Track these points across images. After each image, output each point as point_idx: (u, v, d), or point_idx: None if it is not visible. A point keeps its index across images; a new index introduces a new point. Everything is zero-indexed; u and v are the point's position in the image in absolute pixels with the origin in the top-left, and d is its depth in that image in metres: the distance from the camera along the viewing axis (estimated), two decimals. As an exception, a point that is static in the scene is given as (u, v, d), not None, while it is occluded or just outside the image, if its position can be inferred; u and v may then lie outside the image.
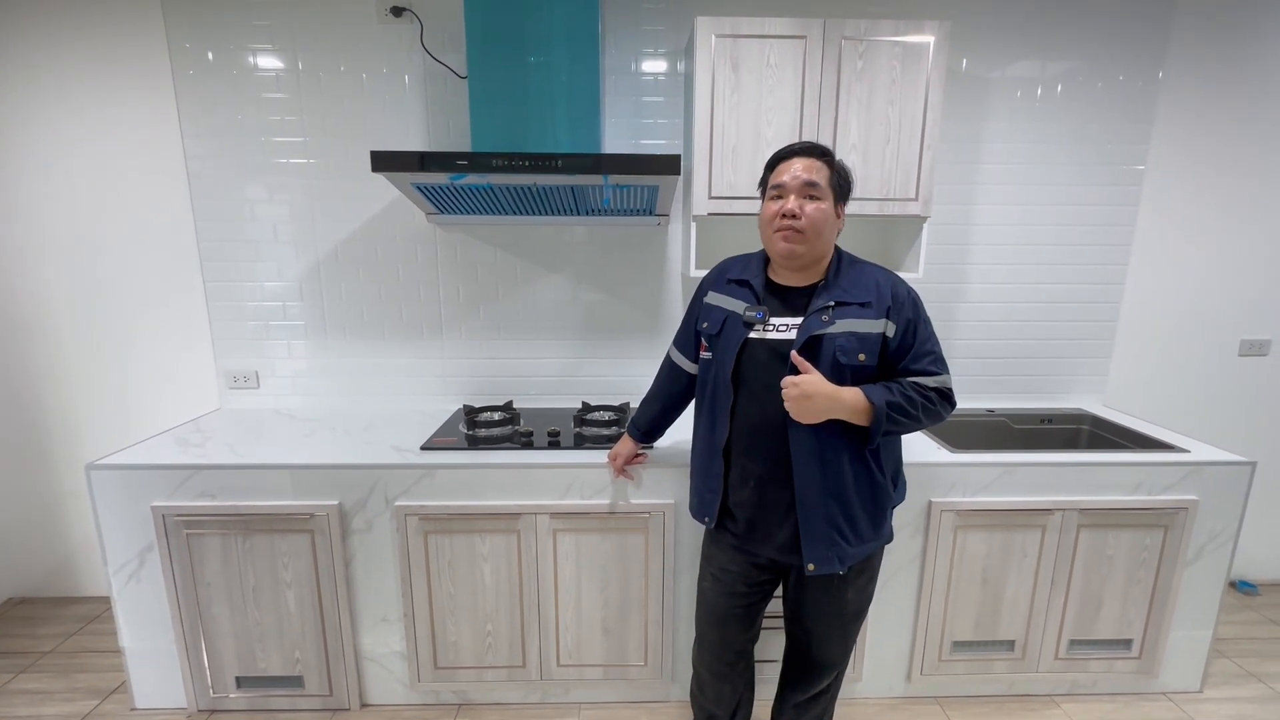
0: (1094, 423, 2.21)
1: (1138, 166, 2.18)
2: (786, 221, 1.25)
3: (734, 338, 1.33)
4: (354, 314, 2.22)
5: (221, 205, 2.12)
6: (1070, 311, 2.29)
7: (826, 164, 1.28)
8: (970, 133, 2.13)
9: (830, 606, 1.41)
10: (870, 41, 1.77)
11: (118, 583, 1.75)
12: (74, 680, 2.00)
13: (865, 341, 1.26)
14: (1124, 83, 2.12)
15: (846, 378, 1.26)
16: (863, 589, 1.43)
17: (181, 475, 1.69)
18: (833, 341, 1.25)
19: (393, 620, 1.81)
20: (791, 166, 1.27)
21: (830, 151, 1.30)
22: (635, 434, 1.66)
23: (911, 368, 1.29)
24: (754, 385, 1.31)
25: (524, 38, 1.76)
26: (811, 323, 1.26)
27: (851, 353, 1.25)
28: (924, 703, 1.91)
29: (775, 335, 1.30)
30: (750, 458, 1.34)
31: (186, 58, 2.02)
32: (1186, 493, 1.77)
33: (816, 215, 1.25)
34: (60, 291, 2.18)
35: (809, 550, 1.31)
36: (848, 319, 1.26)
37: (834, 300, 1.27)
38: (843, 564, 1.32)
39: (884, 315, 1.27)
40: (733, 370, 1.32)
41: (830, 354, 1.25)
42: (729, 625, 1.48)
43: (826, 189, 1.27)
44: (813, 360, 1.25)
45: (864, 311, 1.27)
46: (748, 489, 1.36)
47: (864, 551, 1.36)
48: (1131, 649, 1.88)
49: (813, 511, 1.29)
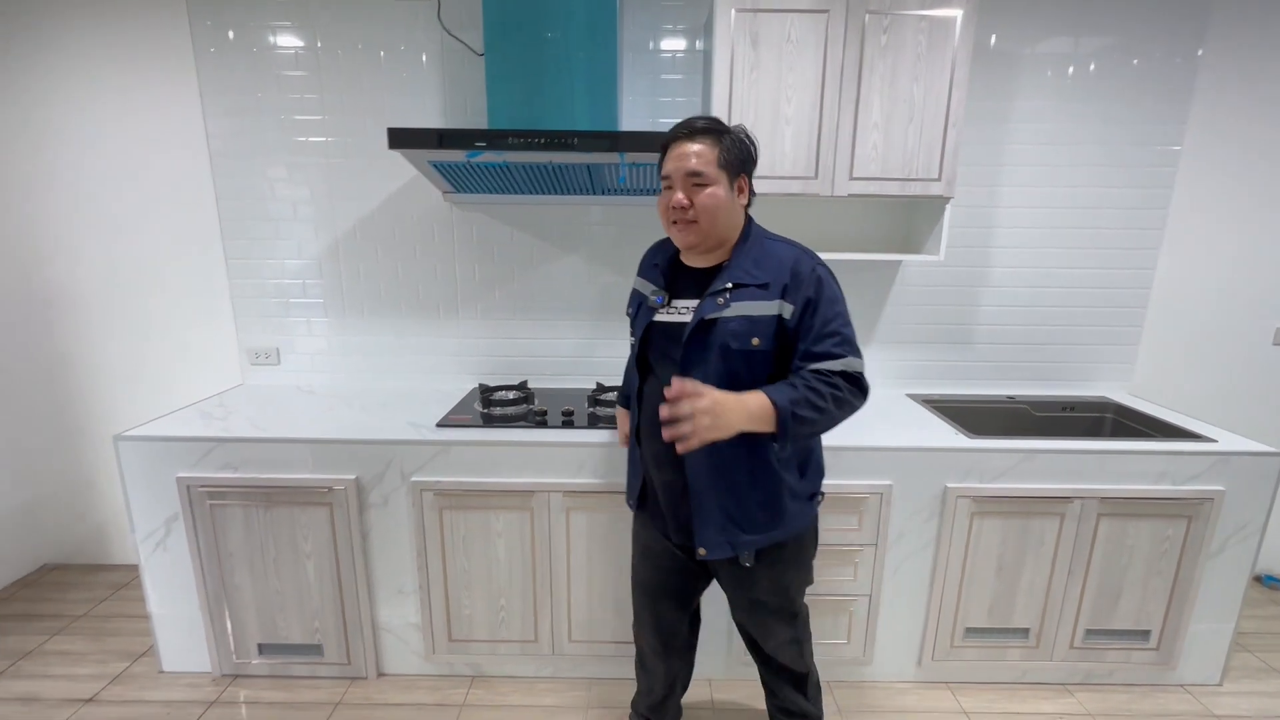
0: (1118, 411, 2.16)
1: (1173, 147, 2.10)
2: (677, 213, 1.21)
3: (642, 321, 1.32)
4: (372, 292, 2.24)
5: (242, 183, 2.15)
6: (1097, 297, 2.23)
7: (714, 143, 1.19)
8: (997, 111, 2.07)
9: (745, 597, 1.39)
10: (895, 16, 1.72)
11: (145, 551, 1.81)
12: (105, 643, 2.08)
13: (758, 324, 1.18)
14: (1161, 60, 2.04)
15: (738, 365, 1.19)
16: (777, 580, 1.35)
17: (205, 447, 1.73)
18: (725, 326, 1.19)
19: (409, 593, 1.84)
20: (677, 153, 1.20)
21: (720, 126, 1.21)
22: (625, 403, 1.60)
23: (812, 350, 1.18)
24: (656, 368, 1.31)
25: (542, 14, 1.74)
26: (706, 306, 1.21)
27: (744, 337, 1.18)
28: (935, 687, 1.91)
29: (674, 318, 1.27)
30: (654, 439, 1.30)
31: (208, 36, 2.03)
32: (1212, 483, 1.73)
33: (708, 203, 1.19)
34: (90, 270, 2.23)
35: (700, 535, 1.29)
36: (744, 301, 1.19)
37: (732, 282, 1.21)
38: (735, 550, 1.28)
39: (780, 296, 1.19)
40: (640, 353, 1.33)
41: (722, 339, 1.19)
42: (661, 602, 1.49)
43: (716, 172, 1.19)
44: (704, 346, 1.20)
45: (761, 293, 1.19)
46: (653, 470, 1.36)
47: (758, 541, 1.29)
48: (1150, 640, 1.86)
49: (703, 496, 1.27)
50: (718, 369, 1.20)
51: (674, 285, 1.31)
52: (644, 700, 1.63)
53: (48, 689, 1.87)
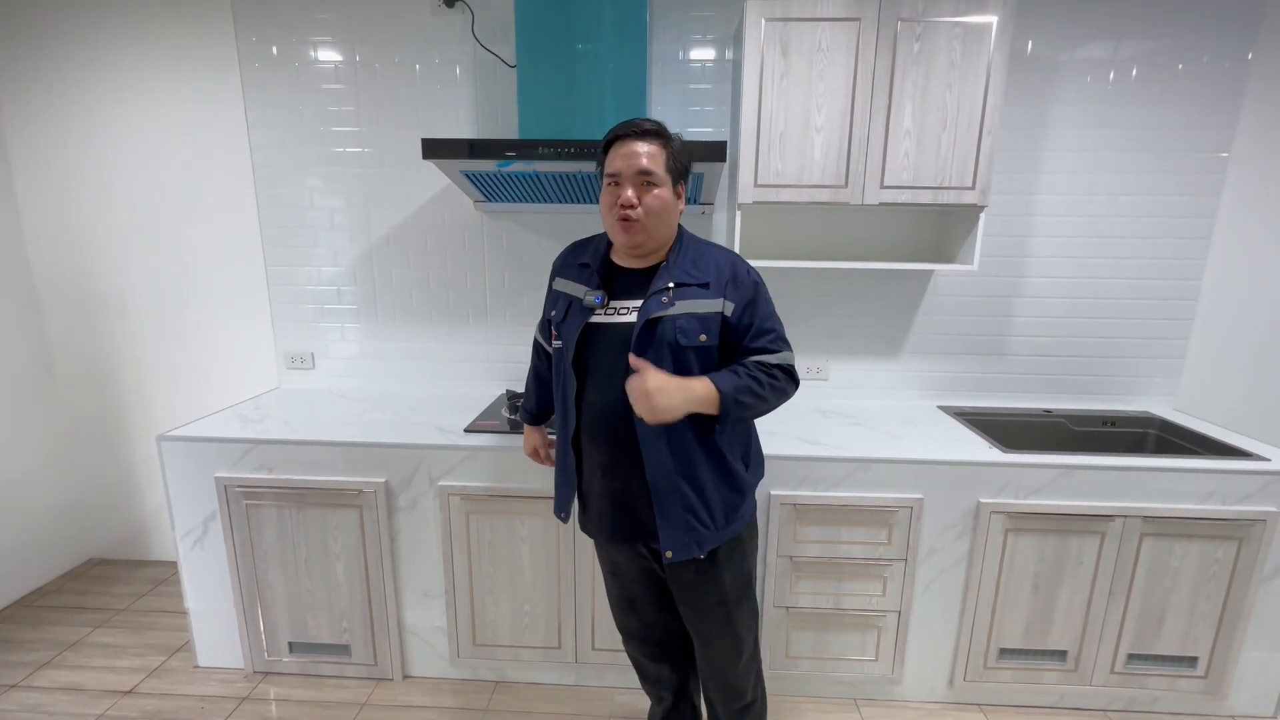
0: (1162, 426, 2.08)
1: (1220, 154, 2.03)
2: (624, 211, 1.21)
3: (576, 324, 1.30)
4: (403, 299, 2.29)
5: (282, 193, 2.22)
6: (1139, 309, 2.16)
7: (662, 146, 1.22)
8: (1034, 118, 2.03)
9: (710, 595, 1.36)
10: (928, 22, 1.70)
11: (184, 547, 1.87)
12: (144, 637, 2.14)
13: (705, 321, 1.24)
14: (1209, 65, 1.97)
15: (689, 360, 1.24)
16: (738, 568, 1.38)
17: (242, 448, 1.78)
18: (672, 323, 1.23)
19: (435, 596, 1.86)
20: (625, 152, 1.20)
21: (666, 131, 1.24)
22: (527, 418, 1.59)
23: (752, 345, 1.27)
24: (596, 372, 1.29)
25: (573, 26, 1.77)
26: (651, 304, 1.24)
27: (692, 333, 1.23)
28: (967, 710, 1.85)
29: (616, 319, 1.27)
30: (597, 446, 1.31)
31: (253, 51, 2.11)
32: (1265, 504, 1.65)
33: (655, 204, 1.22)
34: (138, 276, 2.33)
35: (665, 536, 1.27)
36: (687, 300, 1.24)
37: (674, 281, 1.25)
38: (701, 549, 1.29)
39: (722, 294, 1.25)
40: (574, 356, 1.29)
41: (671, 336, 1.22)
42: (644, 609, 1.49)
43: (664, 175, 1.21)
44: (651, 343, 1.22)
45: (703, 292, 1.25)
46: (596, 479, 1.33)
47: (720, 537, 1.31)
48: (1197, 667, 1.77)
49: (666, 497, 1.26)
50: (668, 364, 1.23)
51: (609, 287, 1.31)
52: (659, 709, 1.62)
53: (90, 680, 1.94)
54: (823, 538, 1.72)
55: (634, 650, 1.57)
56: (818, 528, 1.71)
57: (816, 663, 1.83)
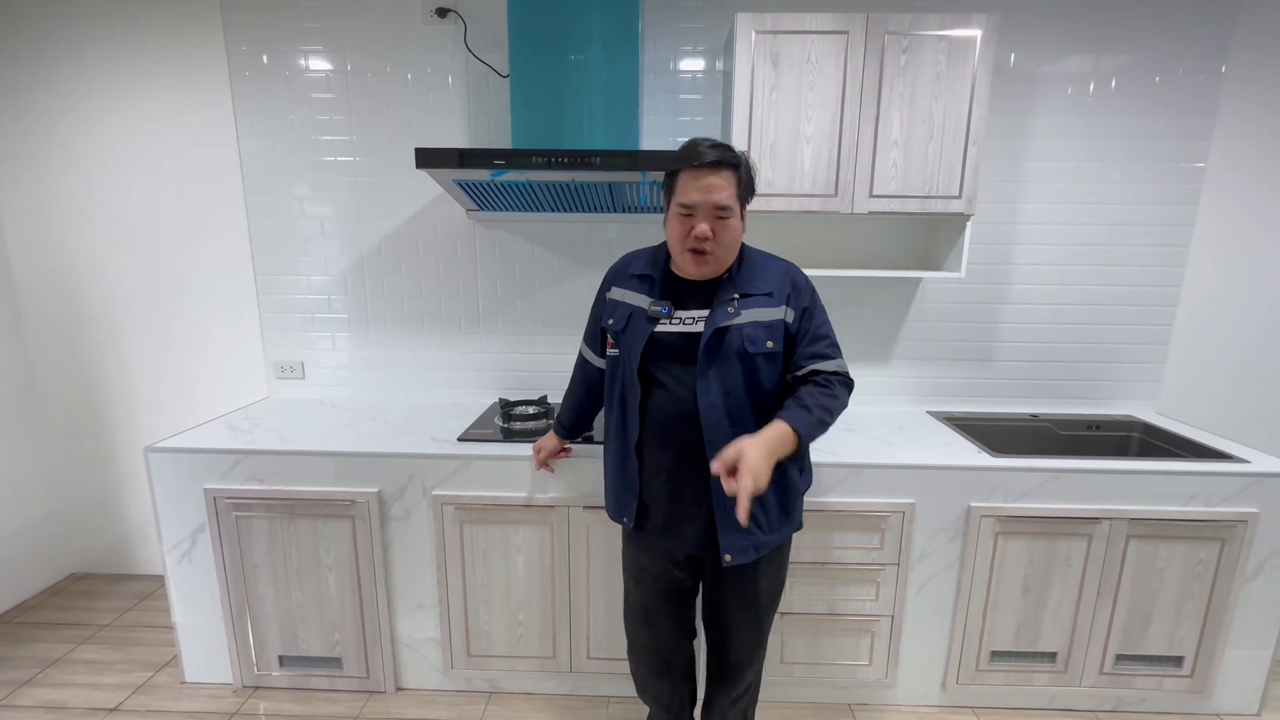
0: (1146, 430, 2.12)
1: (1197, 164, 2.09)
2: (699, 244, 1.23)
3: (639, 332, 1.32)
4: (395, 308, 2.28)
5: (272, 202, 2.20)
6: (1122, 315, 2.21)
7: (733, 176, 1.23)
8: (1017, 129, 2.07)
9: (746, 597, 1.40)
10: (914, 36, 1.74)
11: (171, 561, 1.84)
12: (130, 652, 2.10)
13: (771, 329, 1.28)
14: (1184, 77, 2.03)
15: (757, 366, 1.27)
16: (774, 576, 1.43)
17: (232, 459, 1.77)
18: (739, 332, 1.26)
19: (428, 607, 1.85)
20: (702, 185, 1.21)
21: (739, 158, 1.24)
22: (560, 431, 1.64)
23: (809, 351, 1.31)
24: (662, 379, 1.31)
25: (565, 37, 1.79)
26: (718, 314, 1.27)
27: (759, 341, 1.27)
28: (960, 713, 1.87)
29: (681, 328, 1.30)
30: (662, 450, 1.33)
31: (243, 60, 2.10)
32: (1246, 505, 1.69)
33: (727, 237, 1.25)
34: (125, 285, 2.30)
35: (725, 540, 1.30)
36: (752, 309, 1.28)
37: (739, 293, 1.29)
38: (758, 552, 1.33)
39: (784, 303, 1.30)
40: (639, 365, 1.31)
41: (738, 344, 1.26)
42: (659, 624, 1.48)
43: (735, 204, 1.23)
44: (718, 351, 1.26)
45: (767, 301, 1.29)
46: (660, 481, 1.35)
47: (776, 539, 1.36)
48: (1183, 667, 1.80)
49: (730, 503, 1.25)
50: (736, 371, 1.27)
51: (674, 298, 1.33)
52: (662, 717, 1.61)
53: (73, 697, 1.90)
54: (816, 543, 1.74)
55: (638, 663, 1.57)
56: (811, 533, 1.72)
57: (811, 668, 1.84)
